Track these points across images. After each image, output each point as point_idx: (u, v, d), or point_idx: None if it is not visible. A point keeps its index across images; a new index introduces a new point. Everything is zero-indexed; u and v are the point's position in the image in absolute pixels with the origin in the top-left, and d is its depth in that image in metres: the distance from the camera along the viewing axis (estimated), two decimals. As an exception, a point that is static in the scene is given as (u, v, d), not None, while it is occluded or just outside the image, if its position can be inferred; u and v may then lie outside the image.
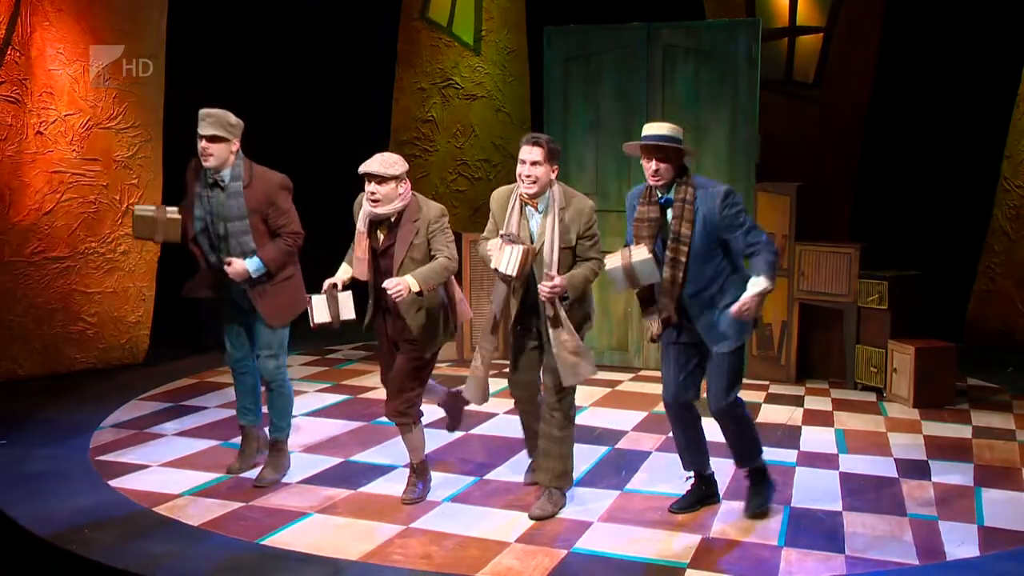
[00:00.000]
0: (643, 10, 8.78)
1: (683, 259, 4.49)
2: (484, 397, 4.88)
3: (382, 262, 4.83)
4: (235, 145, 5.00)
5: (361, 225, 4.82)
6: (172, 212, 4.99)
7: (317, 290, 4.85)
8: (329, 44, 10.67)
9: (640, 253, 4.46)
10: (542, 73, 8.62)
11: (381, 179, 4.67)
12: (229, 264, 5.03)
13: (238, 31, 9.75)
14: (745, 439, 4.74)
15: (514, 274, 4.54)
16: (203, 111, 4.95)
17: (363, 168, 4.69)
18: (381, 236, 4.83)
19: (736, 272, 4.59)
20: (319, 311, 4.79)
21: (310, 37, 10.60)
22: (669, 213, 4.56)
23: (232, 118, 4.98)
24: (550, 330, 4.63)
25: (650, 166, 4.50)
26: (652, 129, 4.54)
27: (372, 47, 10.52)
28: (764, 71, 8.22)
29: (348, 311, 4.80)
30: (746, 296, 4.42)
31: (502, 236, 4.62)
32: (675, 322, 4.62)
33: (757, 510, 4.78)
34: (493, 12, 10.02)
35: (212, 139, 4.92)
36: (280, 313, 5.18)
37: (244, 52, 9.69)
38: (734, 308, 4.42)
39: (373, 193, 4.68)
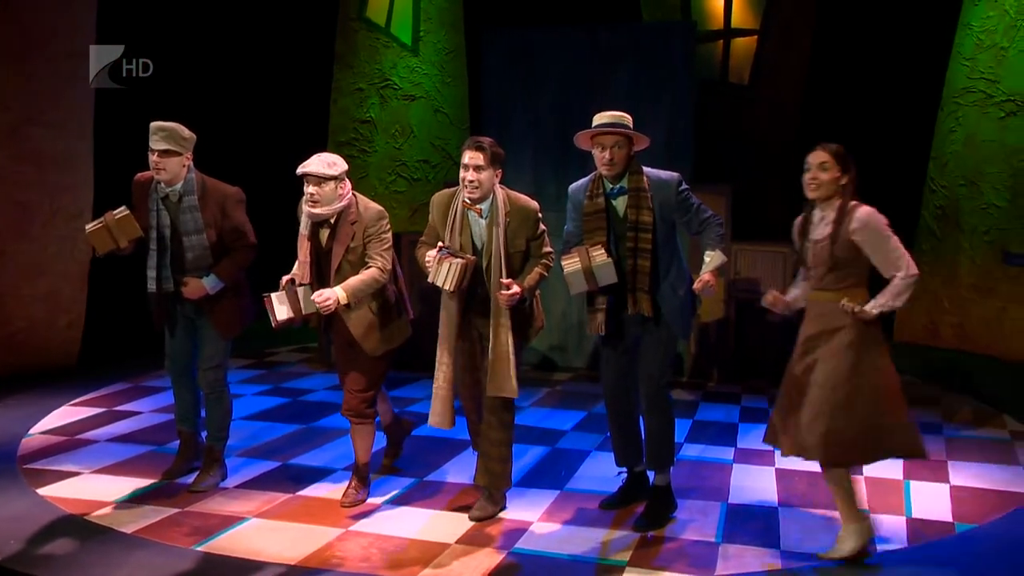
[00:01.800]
0: (580, 11, 8.84)
1: (648, 247, 4.52)
2: (451, 420, 4.74)
3: (324, 263, 4.78)
4: (187, 159, 4.91)
5: (303, 228, 4.77)
6: (119, 212, 4.86)
7: (271, 290, 4.76)
8: (265, 44, 10.54)
9: (599, 256, 4.47)
10: (480, 74, 8.62)
11: (320, 180, 4.62)
12: (186, 284, 4.95)
13: (172, 29, 9.59)
14: (665, 438, 4.74)
15: (451, 288, 4.51)
16: (154, 124, 4.84)
17: (301, 169, 4.64)
18: (324, 238, 4.78)
19: (678, 254, 4.68)
20: (279, 309, 4.69)
21: (245, 37, 10.47)
22: (618, 204, 4.59)
23: (184, 132, 4.89)
24: (491, 333, 4.62)
25: (604, 155, 4.51)
26: (604, 118, 4.55)
27: (309, 47, 10.42)
28: (700, 72, 8.30)
29: (309, 305, 4.71)
30: (706, 273, 4.52)
31: (441, 249, 4.57)
32: (626, 314, 4.63)
33: (643, 529, 4.64)
34: (431, 13, 9.99)
35: (165, 153, 4.82)
36: (232, 324, 5.13)
37: (178, 51, 9.53)
38: (696, 284, 4.51)
39: (312, 194, 4.63)
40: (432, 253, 4.55)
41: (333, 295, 4.60)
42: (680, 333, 4.71)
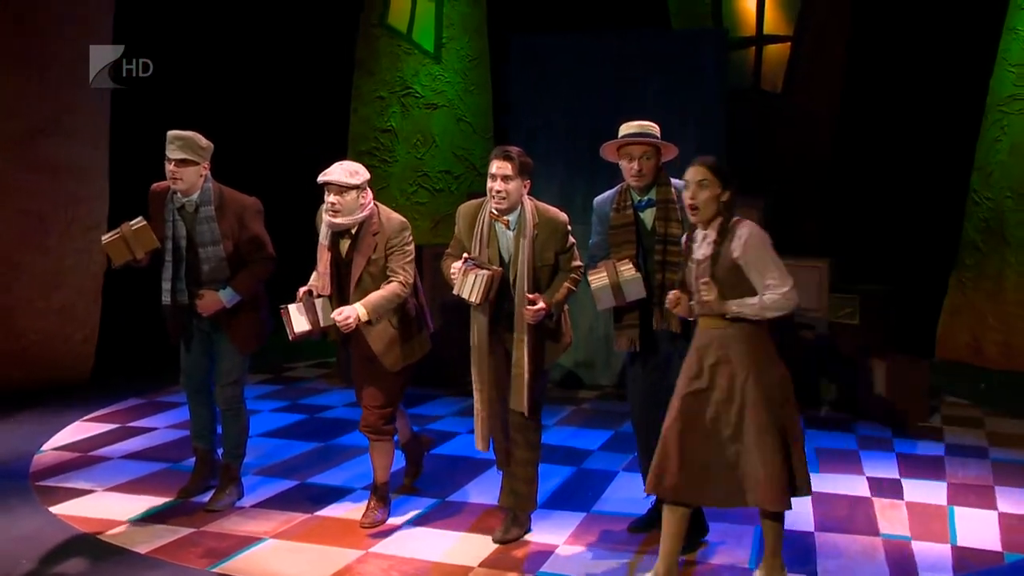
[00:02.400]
0: (608, 18, 8.85)
1: (676, 260, 4.50)
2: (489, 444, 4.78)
3: (344, 274, 4.80)
4: (205, 168, 4.95)
5: (323, 238, 4.78)
6: (136, 223, 4.87)
7: (288, 301, 4.76)
8: (284, 51, 10.62)
9: (627, 271, 4.46)
10: (504, 81, 8.64)
11: (341, 189, 4.64)
12: (201, 297, 4.97)
13: (190, 34, 9.68)
14: None
15: (477, 301, 4.50)
16: (171, 133, 4.88)
17: (323, 177, 4.66)
18: (344, 248, 4.80)
19: None
20: (297, 321, 4.69)
21: (264, 43, 10.55)
22: (645, 216, 4.59)
23: (202, 140, 4.93)
24: (514, 349, 4.62)
25: (632, 166, 4.51)
26: (631, 128, 4.55)
27: (329, 54, 10.49)
28: (731, 81, 8.28)
29: (327, 318, 4.72)
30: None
31: (466, 260, 4.57)
32: (655, 330, 4.62)
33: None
34: (454, 19, 10.03)
35: (181, 163, 4.85)
36: (249, 339, 5.14)
37: (196, 56, 9.62)
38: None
39: (333, 204, 4.65)
40: (457, 265, 4.55)
41: (353, 312, 4.60)
42: None
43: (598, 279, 4.50)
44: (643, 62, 8.03)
